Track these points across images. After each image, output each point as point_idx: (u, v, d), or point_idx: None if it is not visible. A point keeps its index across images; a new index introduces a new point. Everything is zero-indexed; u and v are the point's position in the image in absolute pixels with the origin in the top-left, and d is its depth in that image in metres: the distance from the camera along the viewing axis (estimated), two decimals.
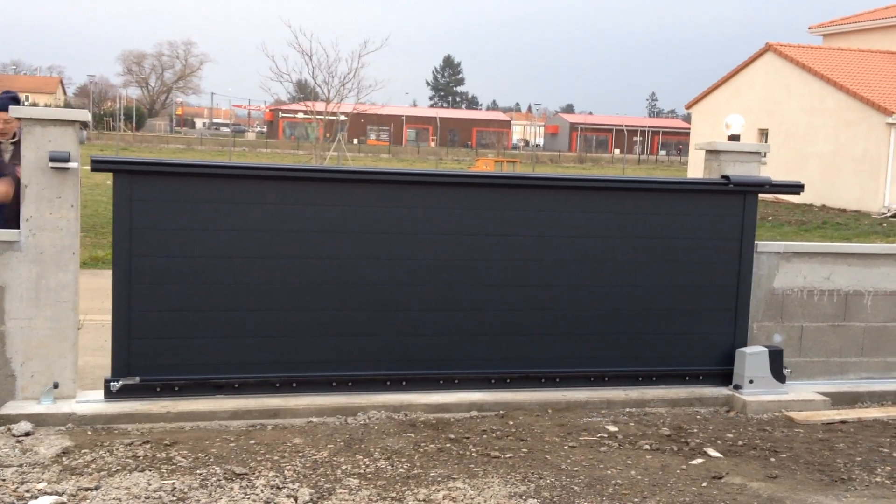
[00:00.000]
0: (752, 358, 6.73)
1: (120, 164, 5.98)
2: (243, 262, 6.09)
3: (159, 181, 5.95)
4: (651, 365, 6.84)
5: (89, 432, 5.52)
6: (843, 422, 6.39)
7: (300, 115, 74.04)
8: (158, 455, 5.11)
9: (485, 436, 5.72)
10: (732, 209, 6.93)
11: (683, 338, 6.89)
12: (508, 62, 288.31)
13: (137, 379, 5.96)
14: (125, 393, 5.94)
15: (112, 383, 5.93)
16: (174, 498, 4.52)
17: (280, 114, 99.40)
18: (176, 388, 6.03)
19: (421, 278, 6.38)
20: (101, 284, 12.09)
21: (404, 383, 6.37)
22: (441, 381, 6.43)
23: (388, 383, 6.34)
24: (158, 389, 6.00)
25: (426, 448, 5.43)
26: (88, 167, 5.95)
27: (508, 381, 6.55)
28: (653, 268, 6.80)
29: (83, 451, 5.14)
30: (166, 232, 5.94)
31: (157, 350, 6.00)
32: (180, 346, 6.04)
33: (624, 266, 6.74)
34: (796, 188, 7.21)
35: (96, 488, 4.58)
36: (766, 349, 6.78)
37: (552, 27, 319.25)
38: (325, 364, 6.27)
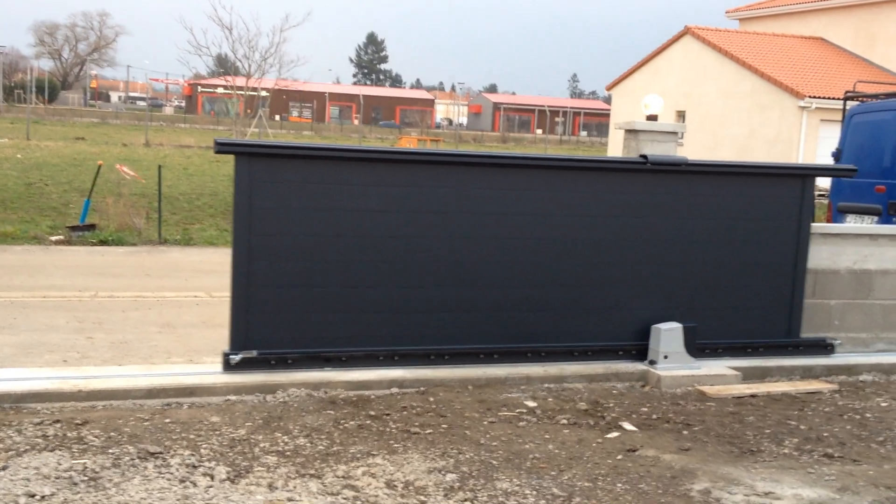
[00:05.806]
0: (667, 334, 6.87)
1: (241, 146, 6.23)
2: (355, 241, 6.28)
3: (278, 163, 6.14)
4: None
5: None
6: (753, 395, 6.58)
7: (220, 90, 72.70)
8: (69, 434, 4.98)
9: (405, 412, 5.72)
10: (793, 192, 7.20)
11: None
12: (432, 41, 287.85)
13: (255, 352, 6.15)
14: (244, 366, 6.07)
15: (231, 356, 6.11)
16: (86, 478, 4.42)
17: (199, 88, 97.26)
18: (289, 361, 6.21)
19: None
20: (6, 260, 11.71)
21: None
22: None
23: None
24: (273, 362, 6.16)
25: (346, 425, 5.42)
26: None
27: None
28: (721, 245, 7.14)
29: None
30: (284, 212, 6.12)
31: (273, 324, 6.16)
32: (294, 320, 6.20)
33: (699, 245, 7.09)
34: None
35: (3, 469, 4.45)
36: (680, 325, 6.93)
37: (477, 7, 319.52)
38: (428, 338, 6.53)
